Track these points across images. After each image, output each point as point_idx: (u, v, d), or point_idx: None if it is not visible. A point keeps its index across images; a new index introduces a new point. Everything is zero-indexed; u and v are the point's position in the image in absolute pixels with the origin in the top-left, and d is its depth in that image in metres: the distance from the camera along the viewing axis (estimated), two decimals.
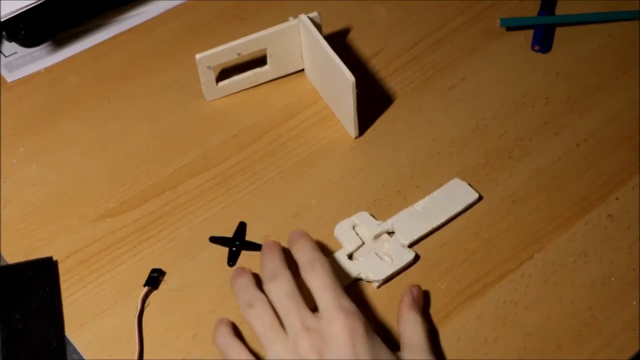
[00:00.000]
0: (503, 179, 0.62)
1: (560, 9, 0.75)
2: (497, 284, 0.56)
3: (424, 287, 0.56)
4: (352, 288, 0.56)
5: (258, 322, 0.50)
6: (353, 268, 0.56)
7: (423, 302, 0.54)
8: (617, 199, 0.61)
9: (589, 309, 0.55)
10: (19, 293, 0.55)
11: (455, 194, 0.60)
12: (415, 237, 0.58)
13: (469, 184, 0.60)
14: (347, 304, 0.49)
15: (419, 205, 0.59)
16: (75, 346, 0.53)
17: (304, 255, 0.52)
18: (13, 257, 0.58)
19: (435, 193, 0.60)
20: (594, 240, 0.58)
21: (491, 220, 0.59)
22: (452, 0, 0.75)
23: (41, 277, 0.56)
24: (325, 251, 0.57)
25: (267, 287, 0.51)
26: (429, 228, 0.58)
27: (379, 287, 0.56)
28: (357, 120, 0.63)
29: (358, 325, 0.47)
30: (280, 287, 0.50)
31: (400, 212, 0.59)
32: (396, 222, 0.58)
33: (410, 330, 0.52)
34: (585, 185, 0.61)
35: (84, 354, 0.53)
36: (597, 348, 0.53)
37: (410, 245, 0.58)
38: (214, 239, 0.58)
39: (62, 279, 0.56)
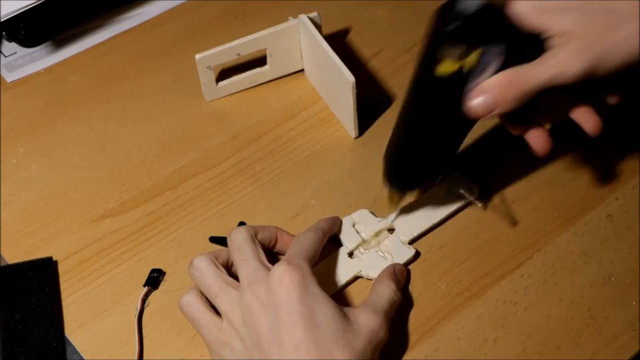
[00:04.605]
0: (503, 179, 0.62)
1: None
2: (497, 284, 0.56)
3: (424, 287, 0.56)
4: (352, 285, 0.56)
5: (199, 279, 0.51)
6: (354, 265, 0.56)
7: (403, 281, 0.55)
8: (617, 199, 0.61)
9: (589, 309, 0.55)
10: (19, 293, 0.55)
11: (455, 190, 0.60)
12: (416, 233, 0.58)
13: (468, 179, 0.60)
14: (298, 259, 0.49)
15: (419, 201, 0.59)
16: (75, 346, 0.53)
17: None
18: (13, 257, 0.58)
19: (435, 189, 0.60)
20: (594, 240, 0.58)
21: (491, 220, 0.59)
22: None
23: (41, 277, 0.56)
24: (325, 250, 0.57)
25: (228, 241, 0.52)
26: (429, 224, 0.58)
27: None
28: (357, 121, 0.63)
29: (297, 274, 0.47)
30: (234, 239, 0.51)
31: (400, 209, 0.59)
32: (396, 219, 0.58)
33: (376, 290, 0.52)
34: (585, 185, 0.62)
35: (83, 354, 0.53)
36: (597, 348, 0.53)
37: (411, 242, 0.58)
38: (214, 239, 0.58)
39: (62, 279, 0.57)
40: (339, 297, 0.55)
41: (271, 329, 0.46)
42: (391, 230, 0.58)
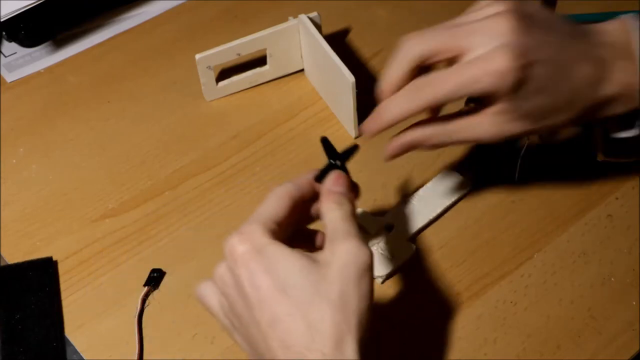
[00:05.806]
0: (503, 179, 0.62)
1: (560, 9, 0.74)
2: (497, 284, 0.56)
3: (423, 288, 0.56)
4: None
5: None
6: None
7: (343, 188, 0.48)
8: (617, 199, 0.61)
9: (589, 309, 0.55)
10: (19, 293, 0.55)
11: (448, 184, 0.60)
12: (414, 230, 0.58)
13: (459, 173, 0.61)
14: (248, 225, 0.44)
15: (414, 198, 0.59)
16: (75, 346, 0.53)
17: None
18: (13, 257, 0.58)
19: (429, 185, 0.60)
20: (594, 240, 0.58)
21: (491, 220, 0.59)
22: (452, 1, 0.75)
23: (41, 277, 0.56)
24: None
25: None
26: (426, 220, 0.58)
27: (382, 282, 0.56)
28: (357, 120, 0.63)
29: (244, 245, 0.43)
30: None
31: (396, 207, 0.59)
32: (393, 217, 0.58)
33: (325, 220, 0.46)
34: (585, 185, 0.61)
35: (83, 354, 0.53)
36: (597, 348, 0.53)
37: (410, 239, 0.58)
38: (325, 141, 0.52)
39: (62, 279, 0.57)
40: None
41: (245, 310, 0.43)
42: (389, 228, 0.58)
